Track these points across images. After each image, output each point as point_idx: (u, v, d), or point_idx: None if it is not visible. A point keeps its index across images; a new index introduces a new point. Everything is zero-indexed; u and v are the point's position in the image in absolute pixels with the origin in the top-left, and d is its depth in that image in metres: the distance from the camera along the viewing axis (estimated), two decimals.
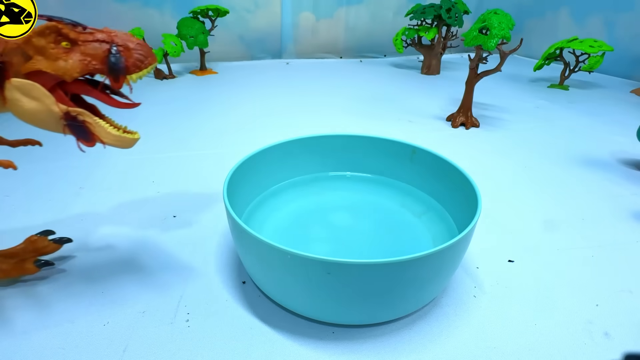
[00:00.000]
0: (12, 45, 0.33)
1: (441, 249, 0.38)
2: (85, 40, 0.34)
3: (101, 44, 0.34)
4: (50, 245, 0.50)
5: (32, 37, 0.33)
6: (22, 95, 0.34)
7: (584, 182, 0.78)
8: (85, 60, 0.34)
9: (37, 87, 0.34)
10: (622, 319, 0.46)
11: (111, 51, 0.34)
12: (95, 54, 0.34)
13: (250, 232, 0.40)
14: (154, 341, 0.41)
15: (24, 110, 0.34)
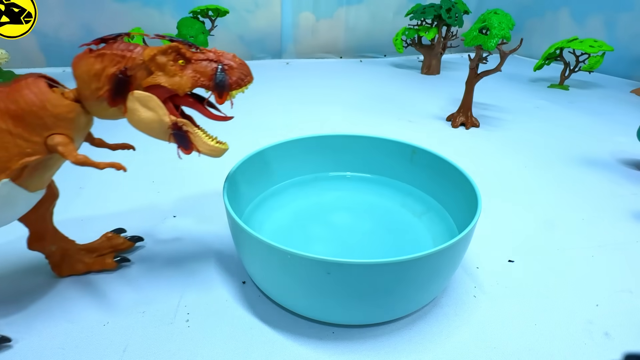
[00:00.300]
0: (138, 62, 0.37)
1: (441, 249, 0.38)
2: (197, 59, 0.38)
3: (210, 62, 0.38)
4: (126, 242, 0.53)
5: (156, 55, 0.37)
6: (140, 105, 0.38)
7: (584, 182, 0.78)
8: (196, 77, 0.38)
9: (154, 98, 0.37)
10: (622, 319, 0.46)
11: (218, 69, 0.37)
12: (205, 72, 0.38)
13: (250, 232, 0.40)
14: (154, 341, 0.41)
15: (140, 118, 0.38)
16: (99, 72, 0.37)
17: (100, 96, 0.37)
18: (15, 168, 0.36)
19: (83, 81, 0.37)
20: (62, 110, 0.37)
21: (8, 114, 0.35)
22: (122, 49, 0.37)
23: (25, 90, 0.36)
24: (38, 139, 0.36)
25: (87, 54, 0.37)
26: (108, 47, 0.37)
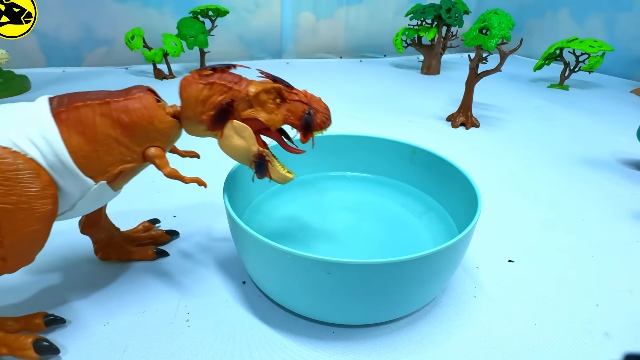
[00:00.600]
0: (242, 95, 0.40)
1: (441, 249, 0.38)
2: (292, 99, 0.41)
3: (301, 104, 0.41)
4: (164, 235, 0.55)
5: (261, 92, 0.40)
6: (235, 133, 0.41)
7: (584, 182, 0.78)
8: (288, 115, 0.41)
9: (248, 130, 0.41)
10: (622, 319, 0.46)
11: (307, 112, 0.41)
12: (296, 112, 0.41)
13: (250, 232, 0.40)
14: (154, 341, 0.41)
15: (231, 144, 0.41)
16: (205, 98, 0.40)
17: (203, 120, 0.40)
18: (113, 173, 0.39)
19: (189, 103, 0.40)
20: (165, 127, 0.40)
21: (120, 124, 0.38)
22: (230, 81, 0.40)
23: (137, 104, 0.39)
24: (138, 149, 0.40)
25: (197, 80, 0.40)
26: (217, 77, 0.40)
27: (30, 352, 0.38)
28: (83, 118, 0.37)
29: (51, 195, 0.36)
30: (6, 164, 0.34)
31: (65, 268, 0.51)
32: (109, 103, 0.38)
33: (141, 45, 1.41)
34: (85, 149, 0.37)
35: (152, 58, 1.41)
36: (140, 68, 1.64)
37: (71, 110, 0.37)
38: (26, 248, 0.36)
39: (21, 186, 0.34)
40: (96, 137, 0.38)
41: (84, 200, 0.39)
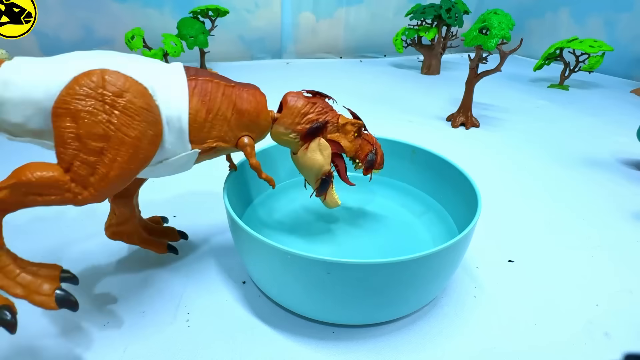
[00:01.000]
0: (333, 120, 0.47)
1: (441, 249, 0.38)
2: (364, 138, 0.49)
3: (369, 144, 0.49)
4: (175, 234, 0.55)
5: (348, 124, 0.48)
6: (318, 149, 0.47)
7: (584, 182, 0.78)
8: (358, 149, 0.49)
9: (329, 149, 0.47)
10: (622, 319, 0.46)
11: (373, 151, 0.49)
12: (364, 149, 0.49)
13: (250, 232, 0.40)
14: (154, 341, 0.41)
15: (312, 157, 0.47)
16: (306, 112, 0.46)
17: (296, 130, 0.46)
18: (211, 145, 0.43)
19: (291, 112, 0.46)
20: (266, 124, 0.46)
21: (236, 108, 0.43)
22: (327, 106, 0.48)
23: (253, 97, 0.45)
24: (238, 134, 0.44)
25: (303, 96, 0.47)
26: (319, 100, 0.47)
27: (51, 300, 0.34)
28: (209, 91, 0.42)
29: (157, 144, 0.38)
30: (142, 102, 0.36)
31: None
32: (233, 87, 0.44)
33: (141, 45, 1.41)
34: (201, 116, 0.41)
35: (152, 58, 1.41)
36: None
37: (201, 81, 0.41)
38: (110, 185, 0.36)
39: (144, 125, 0.36)
40: (213, 110, 0.42)
41: (171, 161, 0.41)
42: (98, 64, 0.36)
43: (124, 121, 0.35)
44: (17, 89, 0.33)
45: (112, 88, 0.35)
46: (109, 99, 0.34)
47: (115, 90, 0.35)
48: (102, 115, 0.34)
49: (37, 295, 0.34)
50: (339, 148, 0.48)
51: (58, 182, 0.34)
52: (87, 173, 0.35)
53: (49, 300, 0.34)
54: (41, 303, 0.34)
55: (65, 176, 0.34)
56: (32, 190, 0.33)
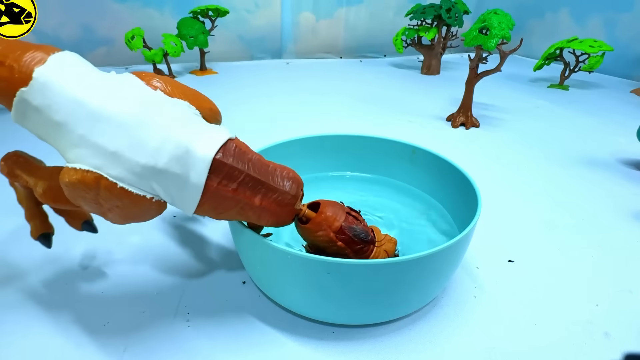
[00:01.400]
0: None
1: (441, 249, 0.38)
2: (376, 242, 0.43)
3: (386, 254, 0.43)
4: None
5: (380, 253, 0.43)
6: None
7: (584, 182, 0.78)
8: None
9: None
10: (622, 319, 0.46)
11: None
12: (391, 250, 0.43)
13: (250, 232, 0.40)
14: (154, 341, 0.41)
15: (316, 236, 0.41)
16: (323, 243, 0.41)
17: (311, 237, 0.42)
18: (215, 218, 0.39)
19: (310, 234, 0.41)
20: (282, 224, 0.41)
21: (252, 214, 0.39)
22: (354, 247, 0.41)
23: (280, 209, 0.39)
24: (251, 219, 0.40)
25: (329, 231, 0.40)
26: (347, 240, 0.41)
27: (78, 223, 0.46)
28: (224, 203, 0.37)
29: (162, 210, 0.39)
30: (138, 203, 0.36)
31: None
32: (259, 205, 0.38)
33: (141, 45, 1.41)
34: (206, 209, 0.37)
35: (152, 58, 1.41)
36: (140, 68, 1.64)
37: (223, 189, 0.36)
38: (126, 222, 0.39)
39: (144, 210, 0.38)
40: (221, 212, 0.38)
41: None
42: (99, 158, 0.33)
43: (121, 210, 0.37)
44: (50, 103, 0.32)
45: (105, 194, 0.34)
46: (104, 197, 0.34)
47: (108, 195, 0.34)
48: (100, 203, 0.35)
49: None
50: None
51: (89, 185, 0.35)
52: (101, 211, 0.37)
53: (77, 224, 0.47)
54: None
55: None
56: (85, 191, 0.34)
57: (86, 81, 0.34)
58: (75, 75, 0.33)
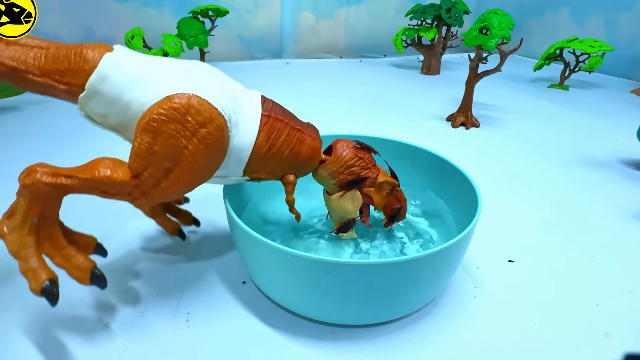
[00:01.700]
0: (372, 177, 0.49)
1: (441, 249, 0.38)
2: (395, 194, 0.51)
3: (397, 200, 0.51)
4: (189, 218, 0.58)
5: (385, 182, 0.50)
6: (351, 199, 0.49)
7: (584, 182, 0.78)
8: (387, 203, 0.51)
9: (360, 200, 0.50)
10: (622, 319, 0.46)
11: (398, 207, 0.51)
12: (391, 203, 0.51)
13: (250, 232, 0.40)
14: (154, 341, 0.41)
15: (344, 205, 0.49)
16: (351, 165, 0.48)
17: (338, 178, 0.48)
18: (259, 177, 0.45)
19: (337, 161, 0.47)
20: (313, 167, 0.48)
21: (294, 151, 0.45)
22: (370, 162, 0.49)
23: (312, 143, 0.46)
24: (287, 171, 0.46)
25: (353, 147, 0.48)
26: (366, 154, 0.49)
27: (86, 277, 0.38)
28: (275, 130, 0.43)
29: (217, 168, 0.42)
30: (219, 135, 0.38)
31: None
32: (298, 130, 0.45)
33: (141, 45, 1.41)
34: (262, 152, 0.43)
35: None
36: None
37: (274, 119, 0.43)
38: (168, 196, 0.39)
39: (214, 155, 0.39)
40: (274, 148, 0.43)
41: (223, 180, 0.44)
42: (193, 86, 0.37)
43: (199, 149, 0.37)
44: (112, 87, 0.36)
45: (197, 117, 0.37)
46: (191, 127, 0.37)
47: (200, 120, 0.37)
48: (181, 140, 0.37)
49: (76, 270, 0.38)
50: (370, 201, 0.51)
51: (124, 185, 0.37)
52: (151, 184, 0.38)
53: (85, 277, 0.38)
54: (78, 278, 0.38)
55: (132, 181, 0.37)
56: (100, 187, 0.37)
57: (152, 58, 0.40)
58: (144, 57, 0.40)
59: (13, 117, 1.03)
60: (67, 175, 0.36)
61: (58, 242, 0.38)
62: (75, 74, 0.36)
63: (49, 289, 0.35)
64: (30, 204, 0.36)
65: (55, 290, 0.36)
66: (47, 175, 0.35)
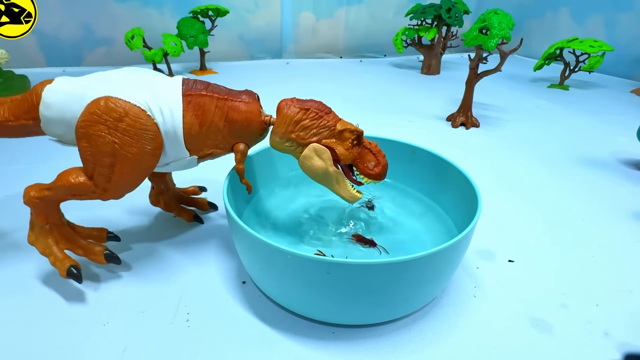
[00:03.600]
0: (329, 125, 0.46)
1: (441, 249, 0.38)
2: (365, 146, 0.47)
3: (371, 155, 0.47)
4: (205, 204, 0.63)
5: (346, 130, 0.46)
6: (315, 155, 0.46)
7: (584, 182, 0.78)
8: (356, 157, 0.47)
9: (327, 152, 0.46)
10: (622, 319, 0.46)
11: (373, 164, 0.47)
12: (363, 158, 0.47)
13: (250, 232, 0.40)
14: (154, 341, 0.41)
15: (311, 164, 0.47)
16: (298, 120, 0.46)
17: (291, 138, 0.46)
18: (206, 152, 0.47)
19: (283, 120, 0.46)
20: (257, 131, 0.48)
21: (229, 119, 0.46)
22: (322, 110, 0.46)
23: (246, 107, 0.47)
24: (232, 141, 0.48)
25: (296, 103, 0.46)
26: (313, 104, 0.46)
27: (102, 258, 0.48)
28: (202, 105, 0.45)
29: (157, 155, 0.44)
30: (140, 123, 0.42)
31: None
32: (226, 100, 0.46)
33: (141, 45, 1.41)
34: (195, 129, 0.45)
35: (152, 58, 1.41)
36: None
37: (196, 95, 0.45)
38: (122, 189, 0.45)
39: (142, 143, 0.43)
40: (207, 123, 0.45)
41: (176, 164, 0.47)
42: (108, 89, 0.43)
43: (125, 141, 0.42)
44: (55, 110, 0.43)
45: (113, 114, 0.41)
46: (111, 124, 0.42)
47: (117, 115, 0.42)
48: (108, 137, 0.42)
49: (93, 255, 0.48)
50: (333, 155, 0.47)
51: (86, 187, 0.44)
52: (104, 180, 0.43)
53: (100, 259, 0.48)
54: (95, 260, 0.48)
55: (89, 182, 0.44)
56: (69, 191, 0.44)
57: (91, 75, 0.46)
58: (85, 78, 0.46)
59: None
60: (48, 188, 0.44)
61: (72, 238, 0.48)
62: (34, 109, 0.43)
63: (72, 272, 0.45)
64: (36, 216, 0.45)
65: (77, 272, 0.45)
66: (35, 191, 0.44)
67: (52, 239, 0.46)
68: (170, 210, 0.60)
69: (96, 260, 0.48)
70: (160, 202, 0.60)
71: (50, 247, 0.46)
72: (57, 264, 0.45)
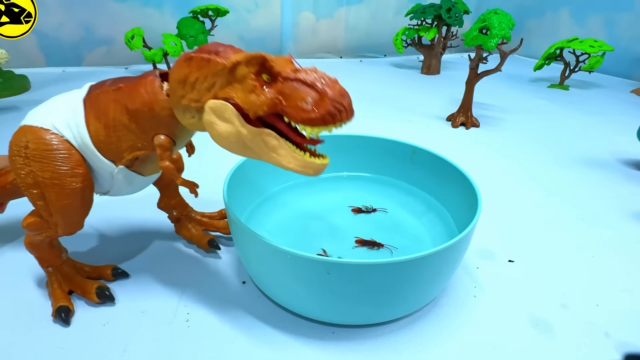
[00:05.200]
0: (219, 68, 0.33)
1: (441, 249, 0.38)
2: (286, 77, 0.31)
3: (303, 86, 0.31)
4: (227, 228, 0.56)
5: (239, 65, 0.32)
6: (216, 117, 0.34)
7: (584, 182, 0.78)
8: (277, 100, 0.32)
9: (229, 107, 0.33)
10: (622, 319, 0.46)
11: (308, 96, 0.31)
12: (292, 96, 0.31)
13: (251, 231, 0.40)
14: (154, 341, 0.41)
15: (217, 132, 0.34)
16: (183, 78, 0.34)
17: (183, 105, 0.35)
18: (128, 158, 0.40)
19: (172, 87, 0.36)
20: (165, 114, 0.37)
21: (127, 110, 0.38)
22: (210, 51, 0.33)
23: (141, 89, 0.37)
24: (146, 136, 0.38)
25: (181, 59, 0.35)
26: (198, 50, 0.34)
27: (93, 295, 0.45)
28: (101, 104, 0.39)
29: (80, 174, 0.39)
30: (44, 144, 0.38)
31: None
32: (120, 89, 0.38)
33: (141, 45, 1.41)
34: (101, 134, 0.39)
35: (152, 58, 1.41)
36: (140, 68, 1.64)
37: (94, 96, 0.39)
38: (66, 220, 0.41)
39: (54, 164, 0.38)
40: (109, 123, 0.39)
41: (117, 182, 0.42)
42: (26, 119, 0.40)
43: (39, 166, 0.38)
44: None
45: (21, 143, 0.39)
46: (22, 152, 0.39)
47: (23, 143, 0.39)
48: (25, 168, 0.39)
49: (87, 294, 0.45)
50: (238, 108, 0.33)
51: (39, 225, 0.42)
52: (47, 214, 0.41)
53: (93, 297, 0.45)
54: (90, 298, 0.45)
55: (39, 220, 0.41)
56: (37, 232, 0.42)
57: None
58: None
59: (13, 117, 1.03)
60: (27, 235, 0.43)
61: (72, 277, 0.46)
62: None
63: (58, 314, 0.43)
64: (38, 260, 0.45)
65: (63, 316, 0.42)
66: (25, 239, 0.44)
67: (54, 282, 0.45)
68: (186, 237, 0.55)
69: (89, 299, 0.45)
70: (180, 231, 0.56)
71: (52, 289, 0.45)
72: (52, 303, 0.44)
